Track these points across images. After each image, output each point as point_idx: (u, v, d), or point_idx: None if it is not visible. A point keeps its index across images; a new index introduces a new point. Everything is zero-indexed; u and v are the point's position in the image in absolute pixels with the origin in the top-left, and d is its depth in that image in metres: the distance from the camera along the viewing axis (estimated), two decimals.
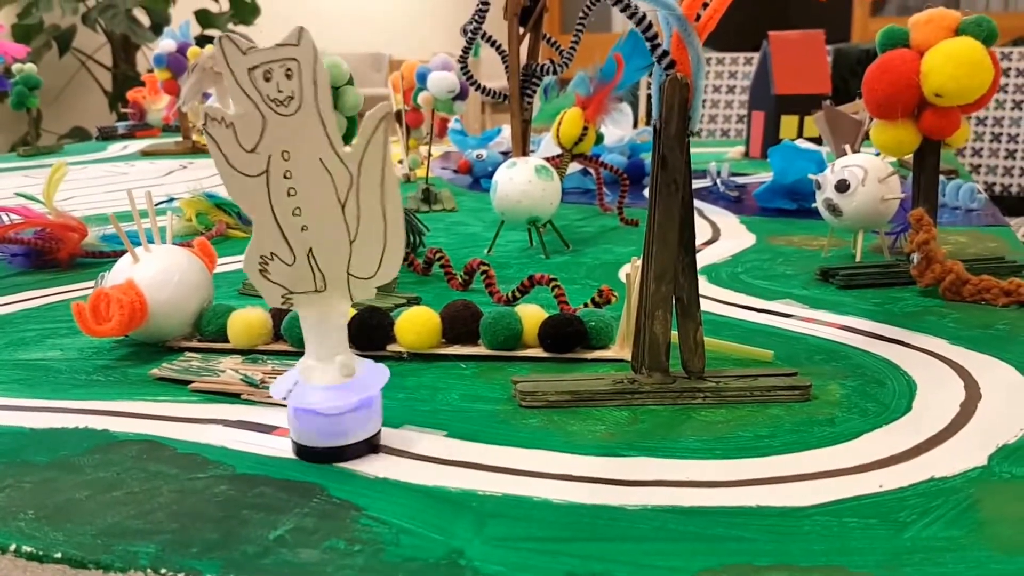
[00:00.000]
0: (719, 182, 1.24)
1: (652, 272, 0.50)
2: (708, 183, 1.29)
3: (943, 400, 0.51)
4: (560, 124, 1.02)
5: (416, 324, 0.59)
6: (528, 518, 0.39)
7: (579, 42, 0.92)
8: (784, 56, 1.53)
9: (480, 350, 0.59)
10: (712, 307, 0.71)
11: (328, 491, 0.41)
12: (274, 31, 0.45)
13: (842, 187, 0.81)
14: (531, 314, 0.59)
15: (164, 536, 0.37)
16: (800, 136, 1.51)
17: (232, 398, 0.53)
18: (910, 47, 0.71)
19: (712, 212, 1.12)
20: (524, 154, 0.93)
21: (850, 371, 0.56)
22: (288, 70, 0.40)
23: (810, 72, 1.53)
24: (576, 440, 0.47)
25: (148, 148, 1.87)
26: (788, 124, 1.54)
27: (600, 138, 1.07)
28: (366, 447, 0.45)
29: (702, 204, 1.17)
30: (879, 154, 0.81)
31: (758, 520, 0.38)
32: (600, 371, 0.56)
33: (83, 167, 1.66)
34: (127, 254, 0.61)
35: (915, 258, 0.71)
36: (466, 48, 0.95)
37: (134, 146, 1.98)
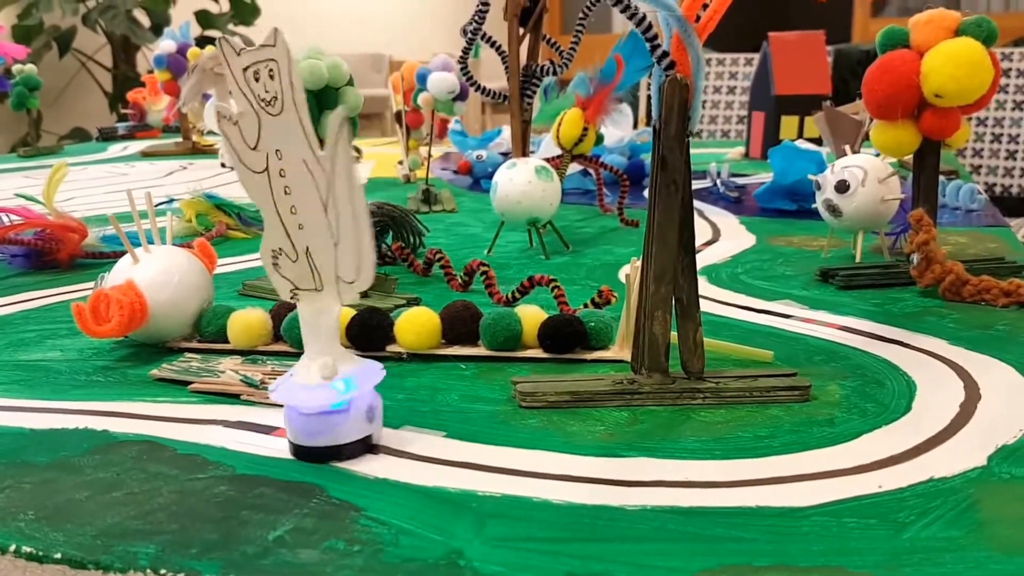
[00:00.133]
0: (719, 183, 1.24)
1: (652, 273, 0.50)
2: (708, 184, 1.29)
3: (943, 400, 0.51)
4: (560, 125, 1.02)
5: (416, 325, 0.59)
6: (528, 518, 0.39)
7: (579, 43, 0.92)
8: (784, 57, 1.53)
9: (480, 351, 0.59)
10: (712, 308, 0.71)
11: (327, 491, 0.41)
12: None
13: (842, 188, 0.81)
14: (531, 315, 0.59)
15: (164, 537, 0.37)
16: (800, 137, 1.51)
17: (232, 399, 0.53)
18: (910, 48, 0.71)
19: (712, 213, 1.12)
20: (524, 155, 0.93)
21: (850, 372, 0.56)
22: (271, 71, 0.40)
23: (810, 73, 1.53)
24: (576, 440, 0.47)
25: (148, 149, 1.88)
26: (788, 125, 1.54)
27: (600, 139, 1.07)
28: (344, 448, 0.45)
29: (702, 205, 1.17)
30: (879, 155, 0.81)
31: (757, 520, 0.38)
32: (600, 372, 0.56)
33: (83, 168, 1.66)
34: (127, 255, 0.61)
35: (915, 259, 0.71)
36: (466, 49, 0.95)
37: (134, 147, 1.98)
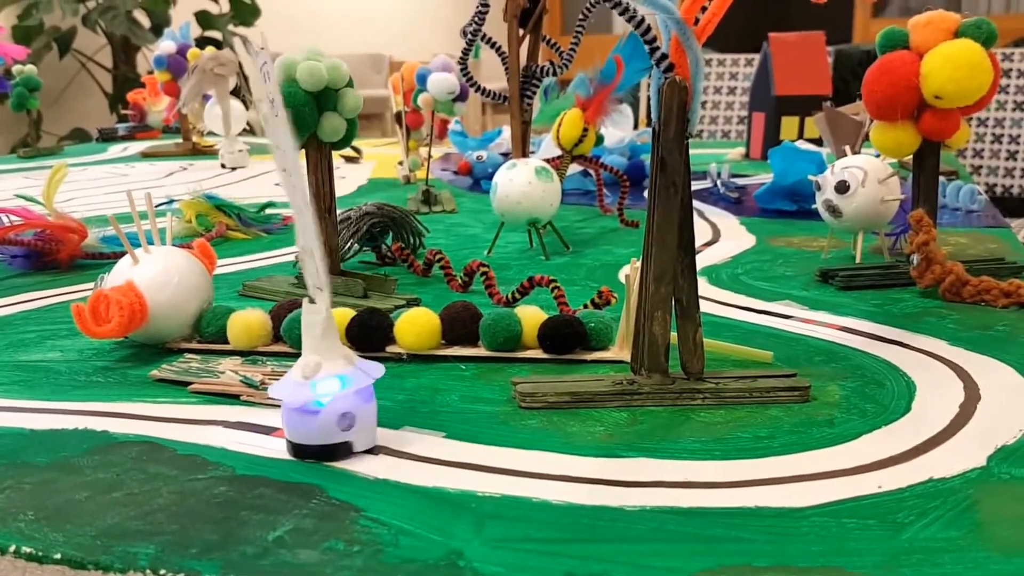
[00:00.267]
0: (719, 183, 1.24)
1: (651, 273, 0.50)
2: (708, 184, 1.29)
3: (942, 401, 0.51)
4: (560, 125, 1.02)
5: (416, 325, 0.59)
6: (527, 519, 0.39)
7: (579, 43, 0.93)
8: (785, 57, 1.53)
9: (480, 351, 0.59)
10: (712, 308, 0.71)
11: (327, 492, 0.41)
12: (274, 32, 0.45)
13: (842, 188, 0.81)
14: (531, 315, 0.59)
15: (163, 537, 0.37)
16: (800, 137, 1.51)
17: (232, 399, 0.53)
18: (910, 49, 0.71)
19: (712, 213, 1.12)
20: (524, 155, 0.93)
21: (849, 372, 0.56)
22: (267, 74, 0.41)
23: (811, 73, 1.53)
24: (575, 441, 0.47)
25: (148, 150, 1.87)
26: (788, 125, 1.54)
27: (600, 139, 1.07)
28: (327, 449, 0.45)
29: (702, 205, 1.17)
30: (879, 155, 0.81)
31: (756, 521, 0.38)
32: (600, 372, 0.56)
33: (83, 168, 1.66)
34: (127, 255, 0.61)
35: (915, 259, 0.71)
36: (466, 49, 0.95)
37: (134, 148, 1.98)
